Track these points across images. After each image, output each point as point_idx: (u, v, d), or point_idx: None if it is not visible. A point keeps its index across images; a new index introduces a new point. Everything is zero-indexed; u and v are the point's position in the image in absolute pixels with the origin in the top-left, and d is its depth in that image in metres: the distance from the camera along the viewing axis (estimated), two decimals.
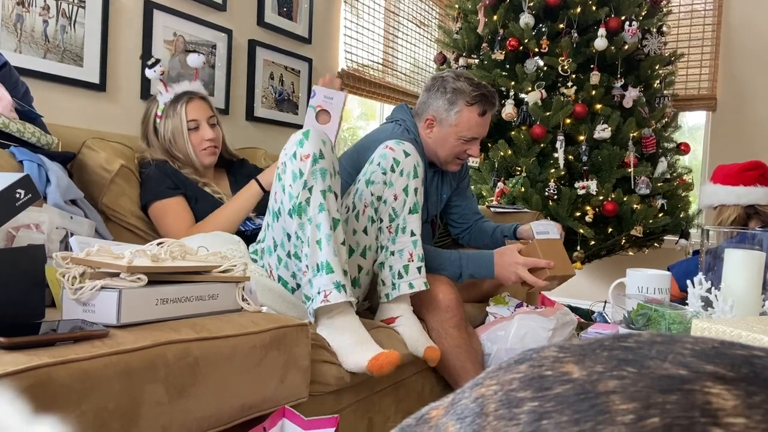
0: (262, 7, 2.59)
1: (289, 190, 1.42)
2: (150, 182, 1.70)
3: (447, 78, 1.96)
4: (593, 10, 2.85)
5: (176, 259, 1.17)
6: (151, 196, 1.69)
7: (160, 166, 1.72)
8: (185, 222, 1.67)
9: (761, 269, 1.32)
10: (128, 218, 1.69)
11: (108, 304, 0.98)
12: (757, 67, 3.66)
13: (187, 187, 1.73)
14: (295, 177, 1.40)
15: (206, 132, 1.76)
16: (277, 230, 1.50)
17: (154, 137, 1.77)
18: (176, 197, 1.70)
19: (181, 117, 1.73)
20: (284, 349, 1.19)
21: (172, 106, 1.75)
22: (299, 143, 1.42)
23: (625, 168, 2.83)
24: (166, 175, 1.71)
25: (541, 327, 1.84)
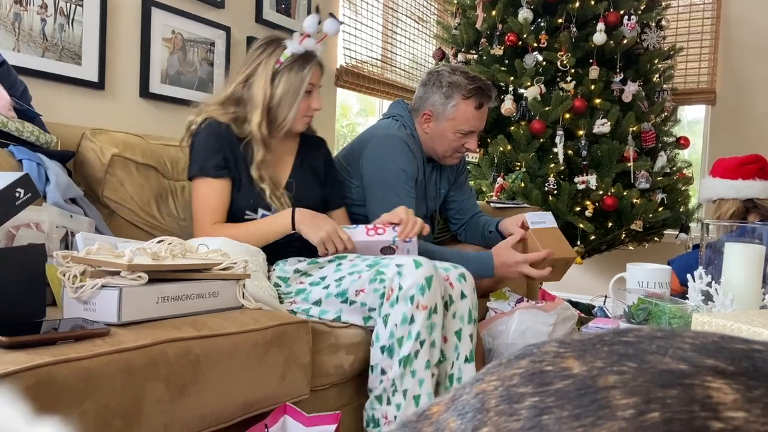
0: (260, 3, 2.59)
1: (392, 327, 1.35)
2: (199, 153, 1.57)
3: (442, 72, 1.96)
4: (592, 5, 2.84)
5: (176, 257, 1.17)
6: (197, 169, 1.56)
7: (219, 132, 1.56)
8: (213, 216, 1.56)
9: (761, 263, 1.32)
10: (132, 207, 1.65)
11: (109, 302, 0.98)
12: (756, 61, 3.66)
13: (239, 167, 1.59)
14: (405, 320, 1.34)
15: (316, 101, 1.64)
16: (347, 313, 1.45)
17: (258, 86, 1.57)
18: (221, 180, 1.56)
19: (304, 78, 1.59)
20: (285, 346, 1.19)
21: (299, 61, 1.59)
22: (420, 289, 1.34)
23: (624, 162, 2.83)
24: (219, 149, 1.56)
25: (542, 322, 1.84)
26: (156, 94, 2.15)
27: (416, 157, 1.92)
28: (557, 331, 1.84)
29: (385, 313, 1.37)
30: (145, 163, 1.70)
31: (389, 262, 1.42)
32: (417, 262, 1.39)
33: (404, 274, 1.37)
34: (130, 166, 1.67)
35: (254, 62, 1.60)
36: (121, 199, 1.63)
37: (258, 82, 1.58)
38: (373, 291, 1.41)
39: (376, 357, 1.38)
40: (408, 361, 1.34)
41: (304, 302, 1.51)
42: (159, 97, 2.17)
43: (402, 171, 1.85)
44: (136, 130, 1.97)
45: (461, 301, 1.48)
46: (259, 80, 1.58)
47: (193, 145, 1.59)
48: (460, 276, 1.50)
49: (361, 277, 1.44)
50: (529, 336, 1.82)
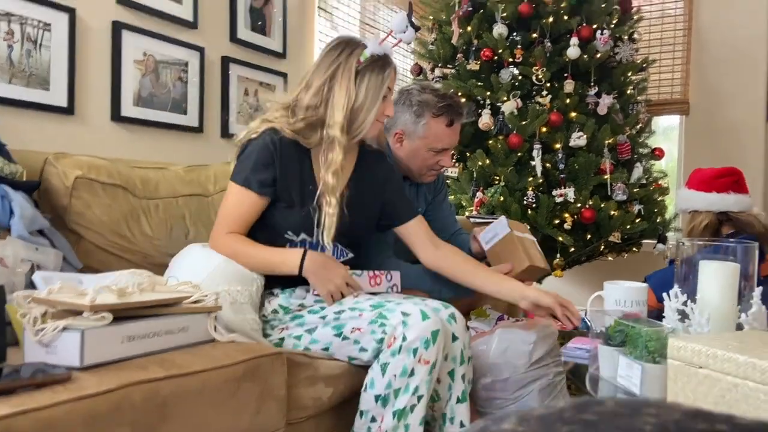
0: (234, 23, 2.57)
1: (390, 377, 1.31)
2: (248, 164, 1.48)
3: (412, 91, 1.95)
4: (565, 20, 2.86)
5: (144, 292, 1.14)
6: (240, 179, 1.48)
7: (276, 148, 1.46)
8: (235, 226, 1.49)
9: (735, 281, 1.33)
10: (100, 230, 1.59)
11: (70, 345, 0.95)
12: (727, 70, 3.71)
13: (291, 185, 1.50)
14: (405, 372, 1.30)
15: (389, 106, 1.56)
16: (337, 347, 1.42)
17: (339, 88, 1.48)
18: (260, 197, 1.48)
19: (385, 80, 1.50)
20: (259, 379, 1.17)
21: (379, 63, 1.49)
22: (425, 343, 1.30)
23: (601, 175, 2.84)
24: (270, 166, 1.47)
25: (522, 341, 1.83)
26: (128, 118, 2.12)
27: None
28: (538, 349, 1.83)
29: (385, 361, 1.32)
30: (111, 183, 1.64)
31: (394, 308, 1.36)
32: (424, 314, 1.33)
33: (409, 324, 1.31)
34: (96, 187, 1.60)
35: (333, 63, 1.49)
36: (88, 223, 1.57)
37: (341, 83, 1.48)
38: (371, 333, 1.36)
39: (367, 403, 1.34)
40: (403, 415, 1.31)
41: (297, 328, 1.47)
42: (131, 120, 2.13)
43: None
44: (108, 155, 1.93)
45: (453, 343, 1.43)
46: (341, 81, 1.48)
47: (245, 150, 1.50)
48: (450, 317, 1.46)
49: (362, 315, 1.39)
50: (510, 355, 1.80)
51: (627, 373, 1.23)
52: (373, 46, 1.49)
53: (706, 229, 2.08)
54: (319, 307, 1.49)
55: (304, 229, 1.53)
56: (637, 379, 1.19)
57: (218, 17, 2.51)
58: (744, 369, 0.93)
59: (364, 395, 1.35)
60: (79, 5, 1.95)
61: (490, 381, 1.81)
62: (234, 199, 1.50)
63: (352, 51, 1.50)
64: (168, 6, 2.25)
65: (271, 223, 1.53)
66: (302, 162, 1.53)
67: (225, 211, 1.51)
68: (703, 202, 2.09)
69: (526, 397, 1.83)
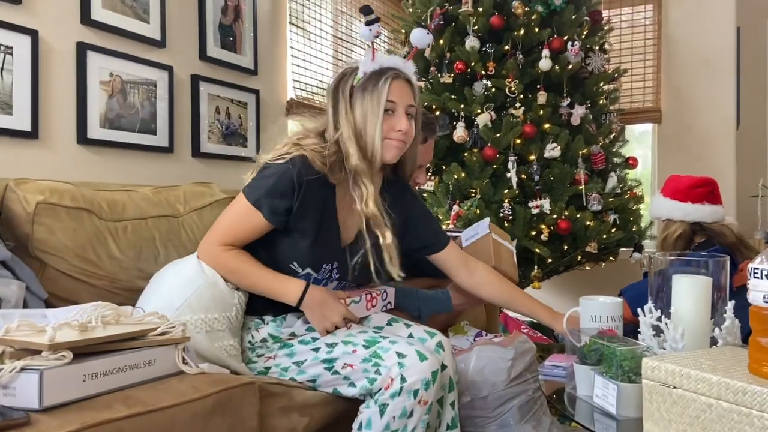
0: (203, 41, 2.54)
1: (389, 419, 1.30)
2: (266, 186, 1.40)
3: None
4: (536, 32, 2.88)
5: (108, 325, 1.10)
6: (253, 198, 1.40)
7: (300, 179, 1.38)
8: (232, 241, 1.43)
9: (708, 295, 1.33)
10: (65, 255, 1.54)
11: (29, 387, 0.91)
12: (697, 77, 3.77)
13: (307, 218, 1.42)
14: (404, 414, 1.29)
15: (400, 121, 1.43)
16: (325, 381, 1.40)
17: (342, 118, 1.43)
18: (264, 222, 1.41)
19: (381, 94, 1.40)
20: (229, 412, 1.13)
21: (373, 79, 1.42)
22: (425, 384, 1.30)
23: (576, 185, 2.86)
24: (287, 196, 1.39)
25: (501, 358, 1.81)
26: (95, 140, 2.08)
27: None
28: (516, 365, 1.82)
29: (384, 402, 1.30)
30: (75, 207, 1.60)
31: (389, 347, 1.34)
32: (421, 355, 1.32)
33: (407, 366, 1.30)
34: (59, 211, 1.56)
35: (336, 98, 1.47)
36: (52, 249, 1.53)
37: (341, 114, 1.44)
38: (363, 371, 1.34)
39: None
40: None
41: (285, 358, 1.44)
42: (98, 142, 2.09)
43: None
44: (74, 179, 1.89)
45: (442, 372, 1.41)
46: (342, 111, 1.44)
47: (267, 170, 1.42)
48: (438, 346, 1.46)
49: (355, 352, 1.36)
50: (488, 373, 1.79)
51: (603, 393, 1.22)
52: (364, 65, 1.44)
53: (679, 239, 2.09)
54: (310, 338, 1.45)
55: (311, 264, 1.47)
56: (613, 399, 1.18)
57: (187, 35, 2.48)
58: (717, 389, 0.93)
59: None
60: (42, 27, 1.91)
61: (470, 399, 1.79)
62: (239, 213, 1.43)
63: (347, 79, 1.46)
64: (134, 25, 2.22)
65: (279, 250, 1.46)
66: (326, 196, 1.46)
67: (226, 222, 1.44)
68: (679, 212, 2.10)
69: (506, 414, 1.81)
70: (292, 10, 3.14)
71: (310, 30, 3.32)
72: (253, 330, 1.49)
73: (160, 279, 1.48)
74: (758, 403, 0.87)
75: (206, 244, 1.46)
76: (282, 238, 1.46)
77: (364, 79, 1.43)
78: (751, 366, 0.94)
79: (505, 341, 1.87)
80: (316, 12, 3.37)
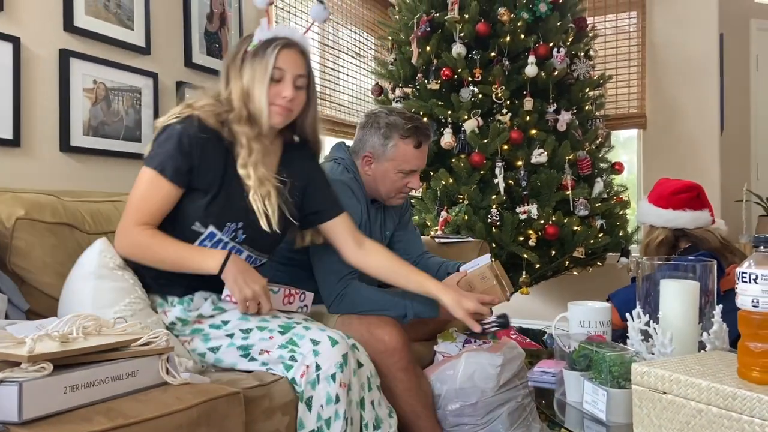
0: (189, 47, 2.52)
1: (318, 410, 1.34)
2: (164, 148, 1.42)
3: (379, 114, 1.96)
4: (522, 39, 2.89)
5: (90, 336, 1.08)
6: (155, 164, 1.41)
7: (196, 137, 1.41)
8: (146, 218, 1.42)
9: (696, 299, 1.33)
10: (42, 277, 1.50)
11: (8, 399, 0.89)
12: (681, 83, 3.81)
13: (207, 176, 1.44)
14: (330, 400, 1.34)
15: (286, 88, 1.46)
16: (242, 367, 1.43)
17: (232, 81, 1.48)
18: (173, 186, 1.42)
19: (268, 61, 1.45)
20: (214, 423, 1.11)
21: (263, 47, 1.47)
22: (339, 367, 1.35)
23: (563, 191, 2.87)
24: (189, 154, 1.41)
25: (490, 364, 1.80)
26: (78, 147, 2.05)
27: (360, 200, 1.89)
28: (505, 372, 1.81)
29: (308, 395, 1.35)
30: (57, 222, 1.57)
31: (303, 334, 1.40)
32: (333, 339, 1.38)
33: (321, 352, 1.35)
34: (40, 227, 1.52)
35: (228, 62, 1.53)
36: (30, 265, 1.49)
37: (232, 76, 1.49)
38: (279, 357, 1.39)
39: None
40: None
41: (200, 344, 1.46)
42: (82, 150, 2.06)
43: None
44: (57, 187, 1.86)
45: (360, 369, 1.45)
46: (232, 73, 1.49)
47: (163, 134, 1.44)
48: (353, 346, 1.48)
49: (272, 338, 1.41)
50: (477, 379, 1.78)
51: (592, 399, 1.21)
52: (259, 33, 1.48)
53: (661, 245, 2.10)
54: (220, 321, 1.47)
55: (214, 222, 1.47)
56: (603, 405, 1.18)
57: (172, 42, 2.46)
58: (707, 394, 0.92)
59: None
60: (24, 34, 1.89)
61: (459, 406, 1.78)
62: (146, 186, 1.42)
63: (242, 45, 1.51)
64: (119, 32, 2.20)
65: (180, 212, 1.46)
66: (224, 154, 1.47)
67: (136, 199, 1.43)
68: (659, 218, 2.11)
69: (496, 421, 1.80)
70: (278, 17, 3.13)
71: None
72: (160, 314, 1.50)
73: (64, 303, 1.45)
74: (748, 408, 0.87)
75: (121, 229, 1.43)
76: (183, 199, 1.46)
77: (257, 46, 1.48)
78: (740, 370, 0.94)
79: (494, 348, 1.87)
80: (303, 19, 3.37)
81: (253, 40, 1.48)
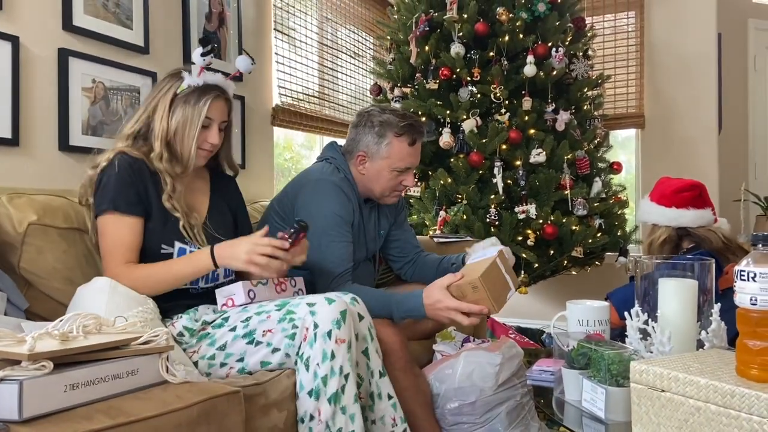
0: (188, 47, 2.52)
1: (314, 368, 1.36)
2: (108, 189, 1.50)
3: (373, 112, 1.96)
4: (521, 38, 2.90)
5: (90, 335, 1.08)
6: (107, 204, 1.49)
7: (132, 167, 1.52)
8: (126, 255, 1.49)
9: (695, 297, 1.34)
10: (50, 281, 1.52)
11: (8, 398, 0.89)
12: (679, 83, 3.82)
13: (152, 201, 1.54)
14: (326, 357, 1.35)
15: (213, 135, 1.61)
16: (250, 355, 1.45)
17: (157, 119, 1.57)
18: (133, 217, 1.50)
19: (201, 111, 1.57)
20: (214, 421, 1.12)
21: (195, 94, 1.57)
22: (336, 324, 1.37)
23: (562, 190, 2.87)
24: (132, 183, 1.51)
25: (488, 363, 1.81)
26: (77, 147, 2.05)
27: (351, 200, 1.89)
28: (504, 371, 1.81)
29: (306, 356, 1.37)
30: (68, 227, 1.59)
31: (299, 302, 1.43)
32: (329, 299, 1.41)
33: (317, 312, 1.38)
34: (52, 233, 1.54)
35: (155, 96, 1.61)
36: (40, 270, 1.50)
37: (157, 115, 1.58)
38: (281, 330, 1.41)
39: (304, 405, 1.37)
40: (336, 398, 1.35)
41: (208, 348, 1.47)
42: (81, 149, 2.06)
43: (336, 215, 1.82)
44: (56, 186, 1.86)
45: (360, 323, 1.50)
46: (158, 113, 1.58)
47: (102, 180, 1.52)
48: (353, 300, 1.52)
49: (270, 317, 1.44)
50: (476, 378, 1.78)
51: (591, 397, 1.22)
52: (189, 79, 1.58)
53: (665, 244, 2.10)
54: (221, 320, 1.51)
55: (178, 238, 1.56)
56: (602, 403, 1.18)
57: (171, 42, 2.46)
58: (706, 392, 0.93)
59: (298, 402, 1.38)
60: (22, 33, 1.88)
61: (457, 405, 1.79)
62: (109, 231, 1.50)
63: (171, 84, 1.60)
64: (118, 31, 2.19)
65: (145, 243, 1.53)
66: (155, 179, 1.56)
67: (107, 246, 1.49)
68: (662, 217, 2.11)
69: (495, 420, 1.81)
70: (277, 17, 3.13)
71: (295, 37, 3.31)
72: (169, 326, 1.52)
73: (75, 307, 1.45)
74: (746, 405, 0.87)
75: (109, 273, 1.48)
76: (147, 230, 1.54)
77: (187, 91, 1.58)
78: (738, 368, 0.94)
79: (493, 347, 1.87)
80: (302, 19, 3.37)
81: (183, 84, 1.58)
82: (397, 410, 1.54)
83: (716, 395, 0.91)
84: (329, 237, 1.80)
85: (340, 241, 1.81)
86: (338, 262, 1.79)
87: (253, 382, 1.35)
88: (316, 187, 1.86)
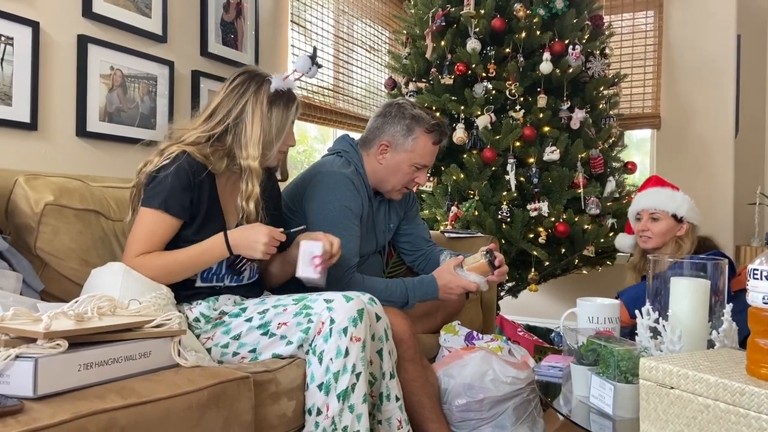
0: (205, 37, 2.54)
1: (327, 362, 1.37)
2: (165, 187, 1.47)
3: (404, 105, 1.98)
4: (537, 35, 2.88)
5: (104, 316, 1.10)
6: (158, 203, 1.46)
7: (193, 171, 1.49)
8: (147, 249, 1.48)
9: (706, 297, 1.33)
10: (66, 261, 1.54)
11: (23, 374, 0.91)
12: (697, 84, 3.78)
13: (201, 205, 1.53)
14: (340, 353, 1.36)
15: (292, 138, 1.65)
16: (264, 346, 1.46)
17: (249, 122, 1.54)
18: (177, 220, 1.49)
19: (290, 114, 1.59)
20: (224, 405, 1.13)
21: (284, 98, 1.58)
22: (353, 321, 1.38)
23: (575, 189, 2.86)
24: (188, 188, 1.49)
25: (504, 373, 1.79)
26: (94, 133, 2.07)
27: (360, 193, 1.90)
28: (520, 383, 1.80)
29: (320, 349, 1.38)
30: (84, 209, 1.60)
31: (317, 297, 1.45)
32: (347, 297, 1.42)
33: (335, 308, 1.39)
34: (67, 213, 1.55)
35: (242, 97, 1.56)
36: (55, 251, 1.51)
37: (252, 118, 1.54)
38: (296, 324, 1.42)
39: (312, 397, 1.38)
40: (346, 396, 1.36)
41: (223, 336, 1.49)
42: (97, 135, 2.09)
43: (346, 208, 1.83)
44: (73, 171, 1.88)
45: (377, 323, 1.52)
46: (254, 116, 1.55)
47: (159, 176, 1.49)
48: (371, 300, 1.53)
49: (286, 310, 1.45)
50: (488, 381, 1.78)
51: (599, 393, 1.22)
52: (277, 82, 1.57)
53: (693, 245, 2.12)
54: (239, 309, 1.52)
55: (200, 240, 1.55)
56: (610, 399, 1.18)
57: (188, 31, 2.48)
58: (715, 390, 0.92)
59: (307, 394, 1.39)
60: (43, 19, 1.91)
61: (465, 402, 1.79)
62: (151, 224, 1.49)
63: (260, 86, 1.57)
64: (136, 19, 2.21)
65: (177, 244, 1.52)
66: (211, 186, 1.55)
67: (141, 235, 1.48)
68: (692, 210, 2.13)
69: (502, 415, 1.81)
70: (294, 9, 3.14)
71: (311, 29, 3.32)
72: (186, 310, 1.53)
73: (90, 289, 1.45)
74: (756, 404, 0.87)
75: (133, 262, 1.47)
76: (180, 232, 1.53)
77: (275, 95, 1.57)
78: (749, 367, 0.94)
79: (521, 365, 1.86)
80: (318, 11, 3.37)
81: (272, 86, 1.57)
82: (403, 413, 1.56)
83: (725, 393, 0.91)
84: (337, 229, 1.81)
85: (349, 234, 1.82)
86: (347, 255, 1.80)
87: (263, 369, 1.36)
88: (327, 179, 1.86)
